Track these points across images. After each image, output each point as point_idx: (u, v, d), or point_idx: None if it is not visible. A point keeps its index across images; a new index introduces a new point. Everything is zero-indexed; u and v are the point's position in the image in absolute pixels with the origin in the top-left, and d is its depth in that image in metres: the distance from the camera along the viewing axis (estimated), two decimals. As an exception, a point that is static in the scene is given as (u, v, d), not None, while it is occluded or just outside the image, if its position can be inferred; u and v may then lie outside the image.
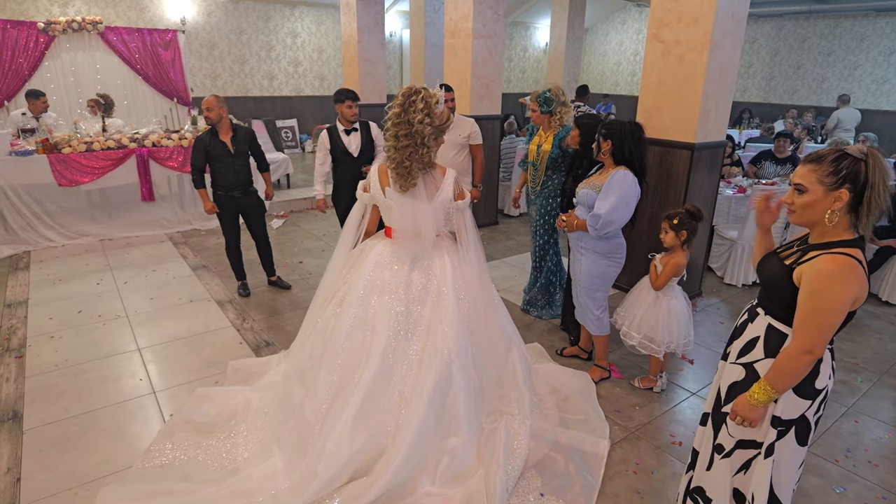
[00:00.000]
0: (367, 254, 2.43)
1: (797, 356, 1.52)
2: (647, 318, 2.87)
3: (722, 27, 3.59)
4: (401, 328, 2.29)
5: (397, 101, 2.26)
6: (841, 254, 1.48)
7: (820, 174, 1.51)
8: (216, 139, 3.86)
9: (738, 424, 1.66)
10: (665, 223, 2.84)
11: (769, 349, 1.62)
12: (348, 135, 3.99)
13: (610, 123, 2.81)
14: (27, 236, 5.17)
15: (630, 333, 2.92)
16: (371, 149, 4.08)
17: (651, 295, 2.90)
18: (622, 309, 3.03)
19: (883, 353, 3.60)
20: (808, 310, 1.50)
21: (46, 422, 2.71)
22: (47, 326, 3.69)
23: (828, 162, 1.51)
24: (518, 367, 2.58)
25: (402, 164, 2.25)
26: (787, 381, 1.55)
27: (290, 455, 2.26)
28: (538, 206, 3.67)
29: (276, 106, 10.30)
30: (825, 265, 1.47)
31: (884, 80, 9.74)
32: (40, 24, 6.88)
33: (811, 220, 1.56)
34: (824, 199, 1.51)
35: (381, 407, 2.22)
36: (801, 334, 1.51)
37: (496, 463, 2.23)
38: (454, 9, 5.62)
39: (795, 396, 1.59)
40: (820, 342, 1.50)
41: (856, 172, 1.47)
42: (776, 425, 1.61)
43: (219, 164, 3.88)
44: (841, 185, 1.49)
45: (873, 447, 2.66)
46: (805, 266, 1.52)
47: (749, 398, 1.60)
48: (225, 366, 3.19)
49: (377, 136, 4.05)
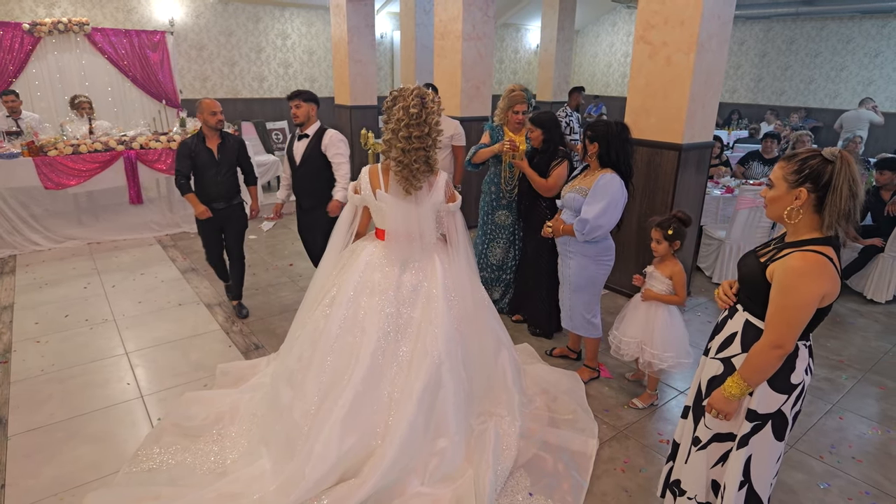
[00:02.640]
0: (358, 255, 2.43)
1: (767, 350, 1.55)
2: (647, 333, 2.77)
3: (708, 29, 3.62)
4: (391, 329, 2.29)
5: (411, 100, 2.17)
6: (812, 251, 1.50)
7: (786, 171, 1.56)
8: (202, 145, 3.58)
9: (713, 417, 1.69)
10: (658, 233, 2.74)
11: (746, 344, 1.65)
12: (299, 140, 3.58)
13: (595, 125, 2.80)
14: (13, 240, 5.12)
15: (630, 353, 2.83)
16: (318, 160, 3.53)
17: (646, 310, 2.80)
18: (617, 330, 2.90)
19: (867, 351, 3.64)
20: (777, 306, 1.53)
21: (32, 427, 2.68)
22: (33, 331, 3.65)
23: (796, 160, 1.54)
24: (508, 368, 2.59)
25: (410, 167, 2.21)
26: (759, 374, 1.59)
27: (278, 457, 2.25)
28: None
29: (267, 108, 10.25)
30: (795, 262, 1.51)
31: (870, 81, 9.87)
32: (25, 25, 6.81)
33: (776, 215, 1.61)
34: (785, 196, 1.56)
35: (371, 408, 2.22)
36: (771, 329, 1.55)
37: (485, 463, 2.24)
38: (444, 10, 5.63)
39: (770, 390, 1.61)
40: (789, 337, 1.53)
41: (818, 173, 1.50)
42: (751, 419, 1.64)
43: (202, 172, 3.60)
44: (801, 183, 1.52)
45: (857, 443, 2.69)
46: (777, 263, 1.55)
47: (723, 391, 1.64)
48: (214, 369, 3.17)
49: (329, 146, 3.50)
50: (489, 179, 3.75)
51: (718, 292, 1.82)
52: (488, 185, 3.76)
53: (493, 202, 3.74)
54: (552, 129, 3.25)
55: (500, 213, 3.73)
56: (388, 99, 2.28)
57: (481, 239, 3.86)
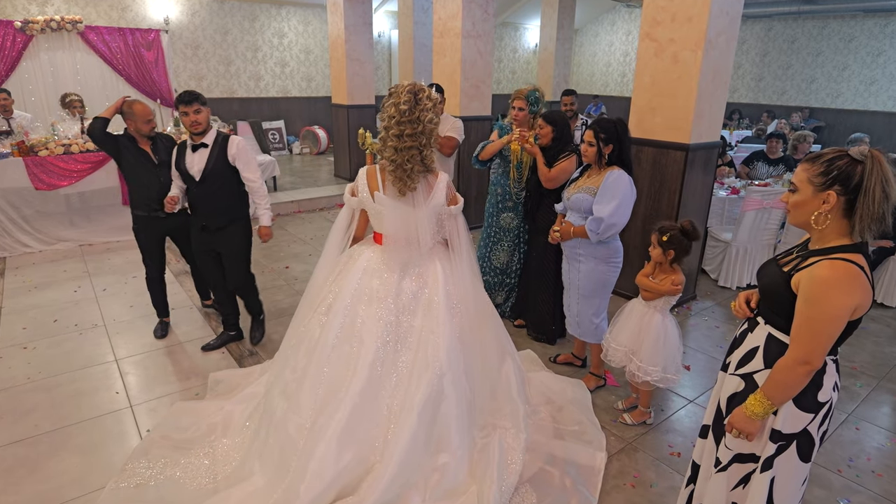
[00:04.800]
0: (355, 261, 2.31)
1: (793, 367, 1.44)
2: (637, 343, 2.59)
3: (716, 26, 3.52)
4: (390, 339, 2.18)
5: (402, 97, 2.07)
6: (841, 259, 1.40)
7: (811, 173, 1.44)
8: (134, 145, 3.24)
9: (735, 437, 1.58)
10: (655, 237, 2.58)
11: (769, 359, 1.54)
12: (194, 151, 3.05)
13: (604, 126, 2.69)
14: (2, 242, 4.99)
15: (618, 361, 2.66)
16: (226, 172, 3.07)
17: (639, 318, 2.61)
18: (609, 335, 2.75)
19: (881, 357, 3.55)
20: (805, 318, 1.42)
21: (15, 439, 2.57)
22: (21, 337, 3.53)
23: (821, 161, 1.43)
24: (512, 378, 2.48)
25: (403, 167, 2.10)
26: (784, 392, 1.48)
27: (271, 473, 2.14)
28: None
29: (263, 107, 10.14)
30: (823, 271, 1.40)
31: (872, 80, 9.80)
32: (17, 23, 6.69)
33: (802, 220, 1.50)
34: (812, 200, 1.45)
35: (369, 422, 2.11)
36: (798, 344, 1.44)
37: (489, 479, 2.14)
38: (443, 8, 5.52)
39: (796, 409, 1.51)
40: (817, 352, 1.42)
41: (848, 175, 1.39)
42: (775, 439, 1.53)
43: (139, 174, 3.24)
44: (829, 186, 1.41)
45: (876, 456, 2.59)
46: (803, 273, 1.44)
47: (745, 410, 1.53)
48: (207, 377, 3.06)
49: (238, 156, 3.07)
50: (495, 181, 3.65)
51: (735, 305, 1.71)
52: (494, 186, 3.66)
53: (499, 204, 3.64)
54: (563, 127, 3.22)
55: (505, 216, 3.63)
56: (385, 97, 2.19)
57: (485, 241, 3.76)
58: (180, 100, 2.93)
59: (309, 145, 10.27)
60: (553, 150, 3.23)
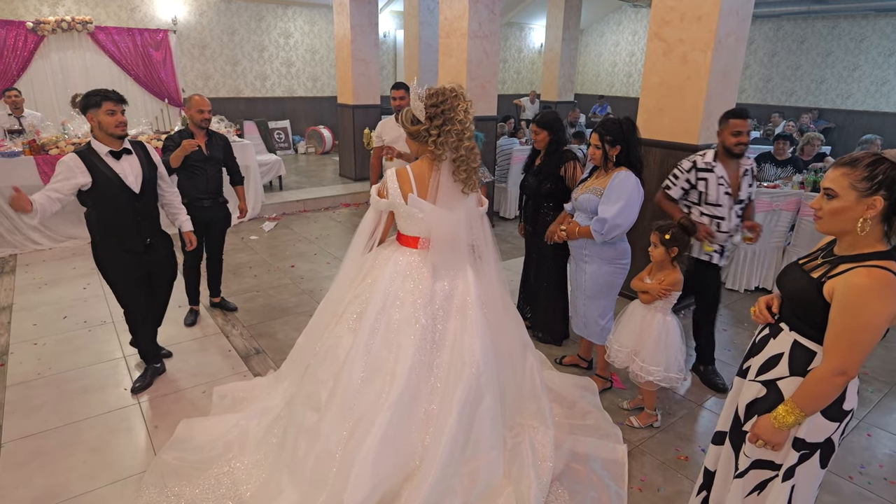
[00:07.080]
0: (384, 264, 2.22)
1: (829, 377, 1.41)
2: (639, 343, 2.59)
3: (726, 25, 3.50)
4: (427, 342, 2.12)
5: (469, 101, 2.08)
6: (878, 267, 1.37)
7: (853, 179, 1.40)
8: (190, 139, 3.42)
9: (758, 447, 1.56)
10: (655, 237, 2.57)
11: (795, 367, 1.51)
12: (118, 158, 2.70)
13: (610, 127, 2.66)
14: (13, 239, 5.04)
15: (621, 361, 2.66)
16: (154, 180, 2.87)
17: (641, 318, 2.61)
18: (612, 335, 2.75)
19: (892, 362, 3.51)
20: (841, 328, 1.39)
21: (25, 434, 2.59)
22: (31, 333, 3.56)
23: (863, 166, 1.40)
24: (536, 375, 2.44)
25: (471, 166, 2.11)
26: (817, 403, 1.45)
27: (306, 486, 2.05)
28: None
29: (269, 107, 10.18)
30: (861, 279, 1.37)
31: (884, 81, 9.69)
32: (29, 23, 6.76)
33: (840, 228, 1.45)
34: (856, 206, 1.40)
35: (408, 427, 2.05)
36: (835, 354, 1.41)
37: (526, 479, 2.12)
38: (449, 8, 5.52)
39: (823, 419, 1.49)
40: (854, 362, 1.39)
41: (893, 179, 1.37)
42: (799, 448, 1.51)
43: (190, 168, 3.43)
44: (875, 191, 1.38)
45: (888, 463, 2.56)
46: (838, 280, 1.41)
47: (774, 420, 1.49)
48: (213, 375, 3.07)
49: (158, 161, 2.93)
50: None
51: (755, 311, 1.67)
52: None
53: None
54: (558, 129, 3.18)
55: None
56: (436, 98, 2.06)
57: None
58: (106, 97, 2.59)
59: (314, 145, 10.30)
60: (552, 155, 3.19)
